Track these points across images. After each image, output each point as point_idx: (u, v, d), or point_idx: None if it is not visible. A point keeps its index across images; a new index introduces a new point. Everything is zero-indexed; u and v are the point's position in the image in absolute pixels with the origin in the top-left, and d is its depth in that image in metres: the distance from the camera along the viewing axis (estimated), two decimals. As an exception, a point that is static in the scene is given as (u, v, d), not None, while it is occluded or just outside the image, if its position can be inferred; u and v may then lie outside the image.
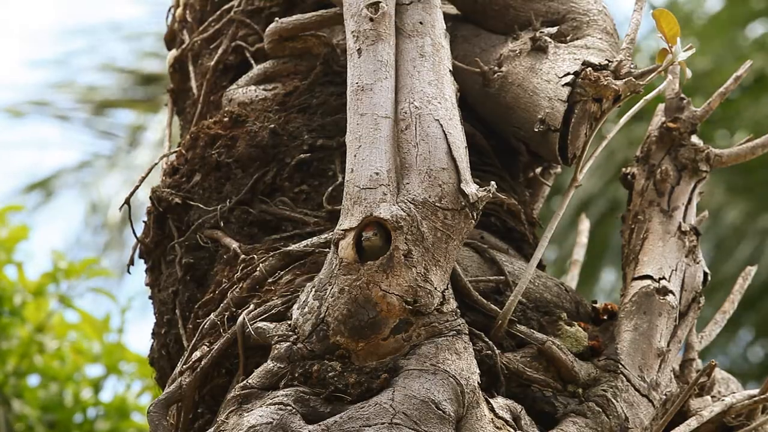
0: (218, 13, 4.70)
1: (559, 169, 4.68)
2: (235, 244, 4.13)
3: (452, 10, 4.49)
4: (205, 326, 3.98)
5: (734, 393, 4.15)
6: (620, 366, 3.95)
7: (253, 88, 4.47)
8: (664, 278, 4.13)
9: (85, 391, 7.71)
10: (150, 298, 4.45)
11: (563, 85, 4.05)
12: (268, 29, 4.43)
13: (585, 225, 5.24)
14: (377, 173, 3.72)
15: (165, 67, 4.88)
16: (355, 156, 3.75)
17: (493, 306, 3.95)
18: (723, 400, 4.07)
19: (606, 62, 4.04)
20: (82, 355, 7.72)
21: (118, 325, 7.80)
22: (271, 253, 4.04)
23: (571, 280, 5.01)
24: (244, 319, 3.85)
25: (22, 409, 7.52)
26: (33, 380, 7.72)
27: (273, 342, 3.75)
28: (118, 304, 8.01)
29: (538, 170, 4.64)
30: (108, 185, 12.40)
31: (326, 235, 3.87)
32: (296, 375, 3.67)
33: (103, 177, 12.42)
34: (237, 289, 3.99)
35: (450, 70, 3.94)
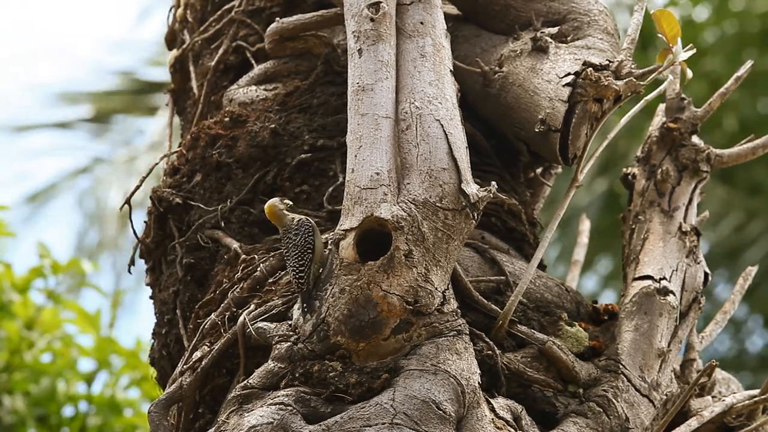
0: (219, 13, 4.70)
1: (559, 170, 4.69)
2: (235, 244, 4.13)
3: (453, 10, 4.49)
4: (206, 326, 3.99)
5: (735, 393, 4.15)
6: (621, 366, 3.95)
7: (253, 88, 4.48)
8: (664, 278, 4.13)
9: (77, 385, 7.70)
10: (150, 298, 4.45)
11: (564, 86, 4.05)
12: (268, 29, 4.44)
13: (585, 225, 5.24)
14: (378, 173, 3.72)
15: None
16: (355, 156, 3.75)
17: (493, 306, 3.96)
18: (723, 400, 4.07)
19: (607, 62, 4.04)
20: (75, 348, 7.72)
21: (108, 320, 7.80)
22: (272, 254, 4.04)
23: (572, 280, 5.01)
24: (244, 319, 3.85)
25: (13, 403, 7.50)
26: (21, 374, 7.72)
27: (274, 342, 3.76)
28: (107, 298, 8.00)
29: (539, 170, 4.64)
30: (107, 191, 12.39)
31: (327, 235, 3.87)
32: (297, 375, 3.68)
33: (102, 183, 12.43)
34: (238, 289, 3.99)
35: (451, 71, 3.94)
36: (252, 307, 3.90)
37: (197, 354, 3.94)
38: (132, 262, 4.44)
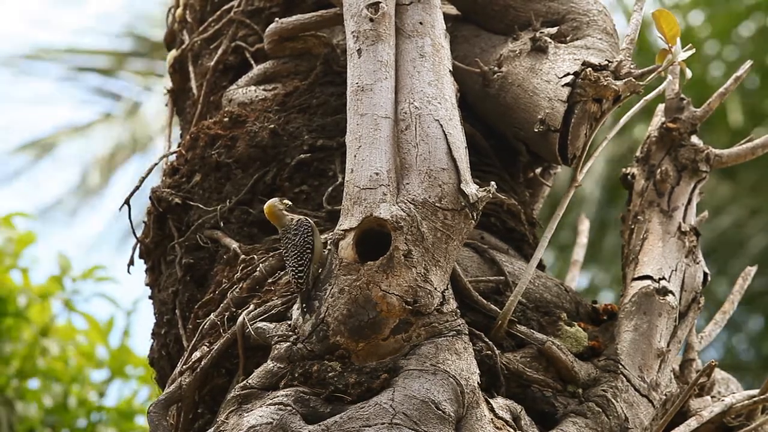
0: (218, 13, 4.70)
1: (558, 170, 4.69)
2: (235, 244, 4.13)
3: (452, 10, 4.49)
4: (205, 326, 3.98)
5: (734, 393, 4.15)
6: (620, 366, 3.95)
7: (253, 88, 4.48)
8: (664, 278, 4.13)
9: (90, 394, 7.71)
10: (150, 298, 4.45)
11: (563, 86, 4.05)
12: (268, 29, 4.44)
13: (585, 225, 5.25)
14: (377, 173, 3.72)
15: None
16: (355, 156, 3.75)
17: (493, 306, 3.96)
18: (723, 400, 4.07)
19: (606, 62, 4.04)
20: (87, 358, 7.73)
21: (123, 329, 7.80)
22: (271, 254, 4.04)
23: (571, 280, 5.01)
24: (244, 319, 3.85)
25: (25, 411, 7.52)
26: (35, 383, 7.73)
27: (273, 342, 3.75)
28: (122, 309, 8.01)
29: (538, 170, 4.64)
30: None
31: (326, 236, 3.87)
32: (296, 375, 3.68)
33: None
34: (237, 290, 3.99)
35: (450, 71, 3.94)
36: (251, 307, 3.90)
37: (196, 354, 3.94)
38: (131, 262, 4.44)
